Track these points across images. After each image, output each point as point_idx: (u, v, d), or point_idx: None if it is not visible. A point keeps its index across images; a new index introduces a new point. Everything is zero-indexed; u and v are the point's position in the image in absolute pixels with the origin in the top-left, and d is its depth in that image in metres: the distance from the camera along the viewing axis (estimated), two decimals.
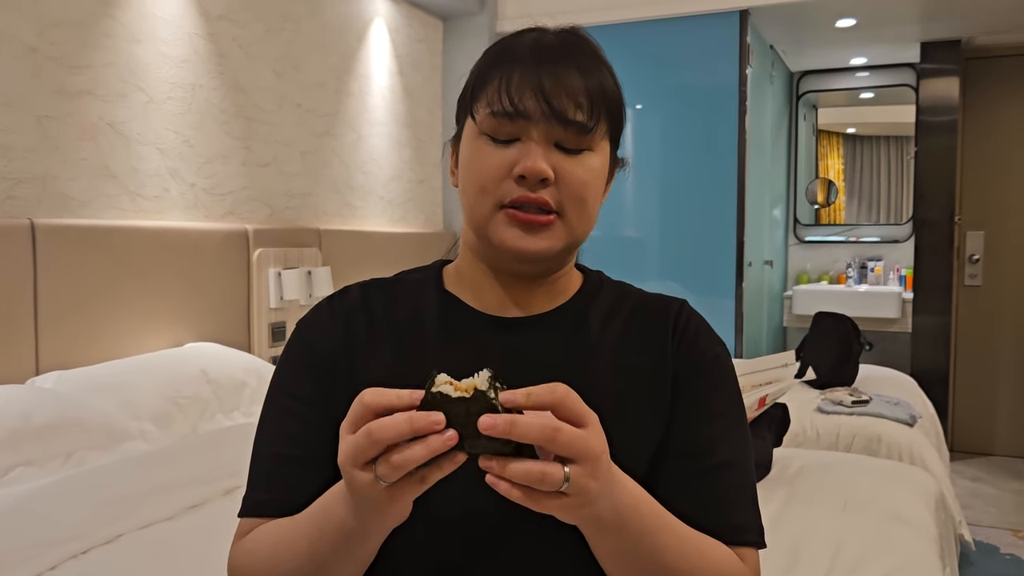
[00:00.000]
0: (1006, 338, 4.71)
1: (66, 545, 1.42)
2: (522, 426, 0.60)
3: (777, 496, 1.97)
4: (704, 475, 0.82)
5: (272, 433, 0.85)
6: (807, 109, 5.35)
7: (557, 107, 0.78)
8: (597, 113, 0.80)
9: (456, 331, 0.87)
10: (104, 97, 2.49)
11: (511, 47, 0.83)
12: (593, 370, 0.85)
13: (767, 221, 4.66)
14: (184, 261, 2.68)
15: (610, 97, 0.82)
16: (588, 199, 0.82)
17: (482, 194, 0.81)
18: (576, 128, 0.79)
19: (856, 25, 4.14)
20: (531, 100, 0.78)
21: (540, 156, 0.78)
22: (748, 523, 0.83)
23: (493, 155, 0.80)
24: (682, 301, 0.92)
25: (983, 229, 4.72)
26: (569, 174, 0.80)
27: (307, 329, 0.88)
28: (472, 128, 0.83)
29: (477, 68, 0.85)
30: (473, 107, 0.83)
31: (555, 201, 0.80)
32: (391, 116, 3.90)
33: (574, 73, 0.80)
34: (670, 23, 4.04)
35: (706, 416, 0.85)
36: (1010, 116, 4.65)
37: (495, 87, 0.80)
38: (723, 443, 0.84)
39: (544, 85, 0.78)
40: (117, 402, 2.10)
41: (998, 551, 3.26)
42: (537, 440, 0.61)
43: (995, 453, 4.70)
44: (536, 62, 0.79)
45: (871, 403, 2.88)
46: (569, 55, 0.81)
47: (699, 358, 0.87)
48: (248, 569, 0.80)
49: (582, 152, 0.81)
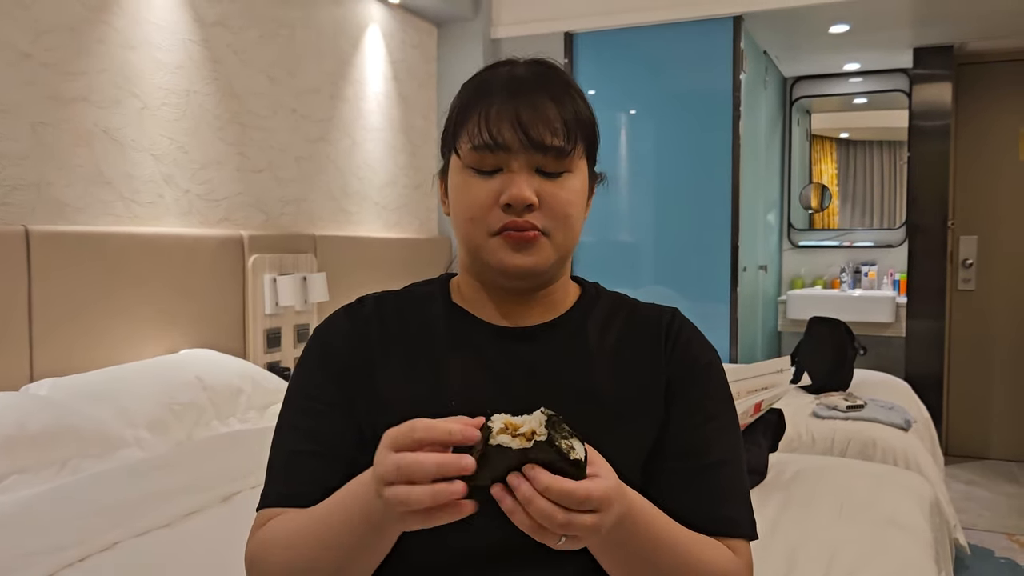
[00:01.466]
0: (999, 342, 4.72)
1: (62, 553, 1.41)
2: (535, 507, 0.64)
3: (773, 501, 1.97)
4: (698, 473, 0.87)
5: (290, 431, 0.89)
6: (800, 114, 5.37)
7: (535, 136, 0.83)
8: (573, 137, 0.85)
9: (462, 340, 0.91)
10: (98, 103, 2.49)
11: (486, 82, 0.88)
12: (590, 378, 0.90)
13: (761, 226, 4.67)
14: (179, 267, 2.67)
15: (583, 121, 0.88)
16: (572, 216, 0.87)
17: (473, 224, 0.86)
18: (555, 153, 0.84)
19: (849, 31, 4.16)
20: (509, 132, 0.83)
21: (524, 184, 0.83)
22: (740, 516, 0.87)
23: (479, 187, 0.85)
24: (673, 310, 0.97)
25: (976, 234, 4.74)
26: (552, 197, 0.85)
27: (325, 335, 0.93)
28: (457, 162, 0.88)
29: (456, 104, 0.89)
30: (456, 143, 0.88)
31: (541, 224, 0.85)
32: (386, 122, 3.91)
33: (548, 102, 0.85)
34: (664, 29, 4.05)
35: (700, 419, 0.90)
36: (1002, 121, 4.67)
37: (475, 122, 0.85)
38: (716, 444, 0.89)
39: (521, 116, 0.83)
40: (112, 409, 2.09)
41: (993, 555, 3.27)
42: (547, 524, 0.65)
43: (989, 457, 4.72)
44: (511, 95, 0.84)
45: (866, 408, 2.89)
46: (541, 86, 0.86)
47: (692, 364, 0.92)
48: (267, 557, 0.82)
49: (562, 175, 0.86)
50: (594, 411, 0.86)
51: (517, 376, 0.88)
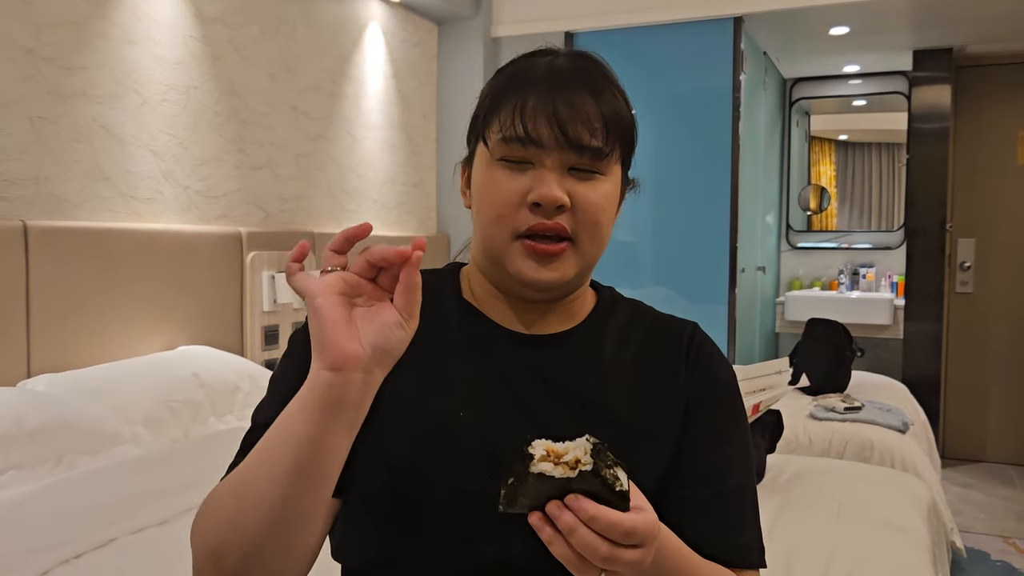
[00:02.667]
0: (997, 345, 4.73)
1: (58, 550, 1.41)
2: (578, 537, 0.62)
3: (770, 503, 1.97)
4: (715, 501, 0.84)
5: (269, 407, 0.82)
6: (800, 116, 5.37)
7: (572, 134, 0.78)
8: (612, 139, 0.81)
9: (477, 343, 0.86)
10: (98, 99, 2.48)
11: (525, 71, 0.82)
12: (605, 392, 0.85)
13: (760, 227, 4.67)
14: (177, 264, 2.67)
15: (624, 122, 0.82)
16: (602, 223, 0.83)
17: (498, 223, 0.81)
18: (591, 154, 0.80)
19: (849, 33, 4.16)
20: (545, 128, 0.78)
21: (555, 183, 0.79)
22: (752, 544, 0.85)
23: (507, 182, 0.80)
24: (694, 324, 0.93)
25: (974, 236, 4.75)
26: (584, 199, 0.80)
27: None
28: (484, 153, 0.82)
29: (489, 91, 0.84)
30: (485, 131, 0.82)
31: (570, 227, 0.80)
32: (385, 120, 3.90)
33: (588, 99, 0.79)
34: (664, 29, 4.05)
35: (719, 442, 0.86)
36: (1001, 124, 4.68)
37: (508, 113, 0.79)
38: (734, 468, 0.86)
39: (559, 112, 0.78)
40: (109, 405, 2.09)
41: (989, 557, 3.27)
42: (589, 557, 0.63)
43: (986, 460, 4.72)
44: (550, 88, 0.79)
45: (863, 410, 2.89)
46: (582, 80, 0.81)
47: (712, 382, 0.88)
48: (205, 512, 0.74)
49: (595, 177, 0.81)
50: (608, 427, 0.81)
51: (529, 385, 0.83)
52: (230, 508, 0.71)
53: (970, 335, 4.77)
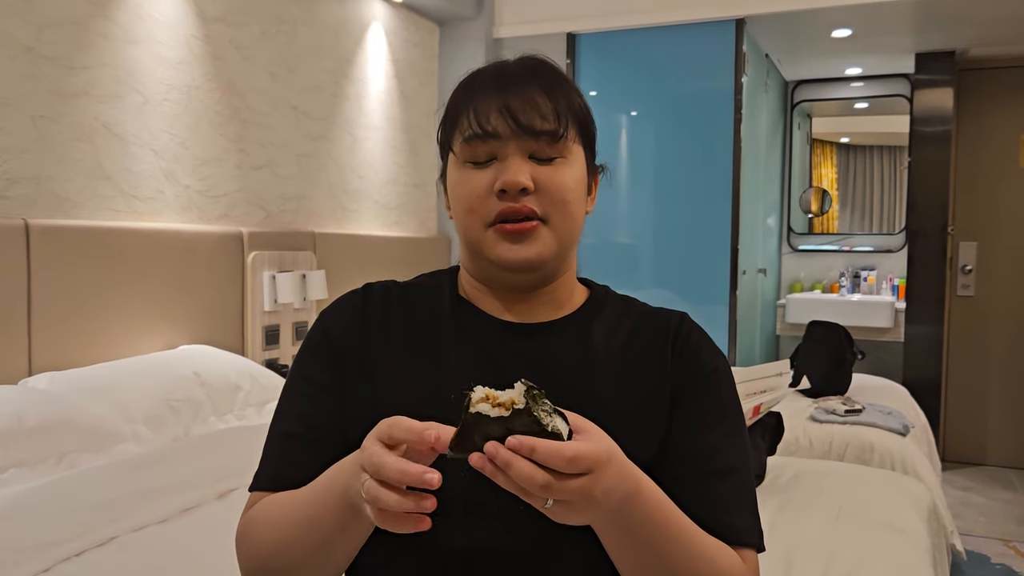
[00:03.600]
0: (998, 348, 4.73)
1: (59, 547, 1.41)
2: (515, 470, 0.63)
3: (770, 504, 1.97)
4: (705, 480, 0.85)
5: (286, 413, 0.89)
6: (801, 118, 5.37)
7: (524, 122, 0.83)
8: (564, 121, 0.85)
9: (467, 333, 0.90)
10: (100, 98, 2.49)
11: (475, 78, 0.89)
12: (593, 380, 0.88)
13: (761, 229, 4.67)
14: (178, 263, 2.67)
15: (575, 108, 0.87)
16: (570, 202, 0.86)
17: (470, 215, 0.86)
18: (547, 137, 0.84)
19: (851, 35, 4.16)
20: (499, 120, 0.83)
21: (516, 169, 0.83)
22: (748, 525, 0.85)
23: (475, 178, 0.85)
24: (682, 314, 0.95)
25: (976, 240, 4.74)
26: (549, 181, 0.84)
27: (329, 319, 0.92)
28: (453, 160, 0.88)
29: (448, 105, 0.89)
30: (450, 141, 0.88)
31: (539, 208, 0.84)
32: (387, 120, 3.90)
33: (537, 91, 0.84)
34: (666, 31, 4.05)
35: (707, 425, 0.87)
36: (1003, 127, 4.68)
37: (465, 116, 0.85)
38: (723, 450, 0.87)
39: (510, 104, 0.83)
40: (110, 404, 2.09)
41: (989, 560, 3.27)
42: (528, 488, 0.64)
43: (986, 463, 4.72)
44: (500, 87, 0.85)
45: (864, 412, 2.89)
46: (532, 77, 0.86)
47: (699, 370, 0.90)
48: (252, 535, 0.83)
49: (556, 160, 0.85)
50: (595, 414, 0.80)
51: (518, 372, 0.82)
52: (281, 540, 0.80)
53: (971, 338, 4.77)
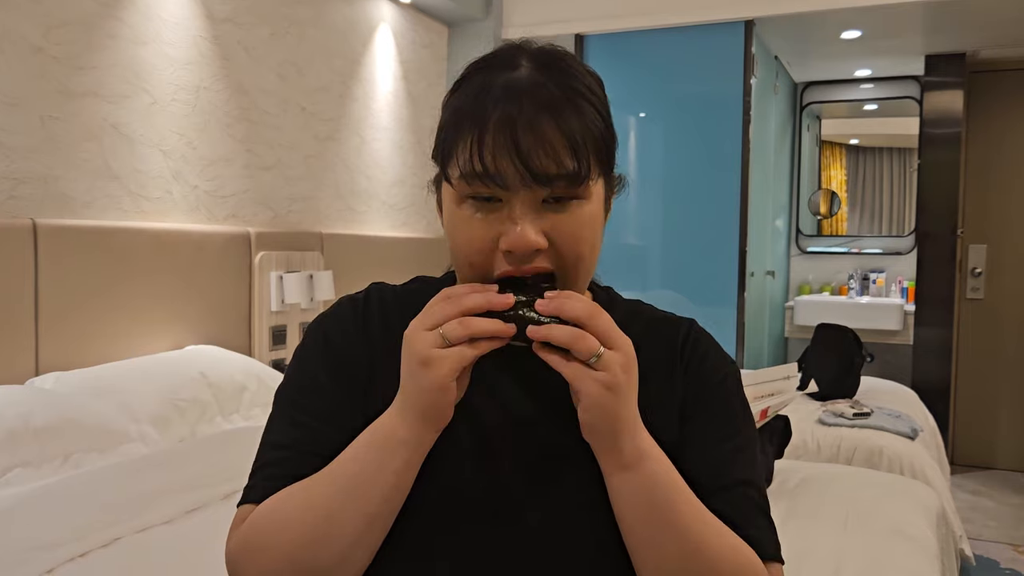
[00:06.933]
0: (1007, 352, 4.70)
1: (64, 548, 1.41)
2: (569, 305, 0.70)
3: (778, 509, 1.96)
4: (718, 494, 0.81)
5: (282, 418, 0.84)
6: (811, 120, 5.36)
7: (537, 168, 0.71)
8: (584, 159, 0.73)
9: None
10: (108, 98, 2.49)
11: (483, 92, 0.74)
12: None
13: (769, 231, 4.66)
14: (186, 263, 2.67)
15: (594, 134, 0.75)
16: (586, 252, 0.77)
17: (471, 269, 0.77)
18: (564, 182, 0.73)
19: (861, 37, 4.15)
20: (508, 165, 0.71)
21: (528, 227, 0.72)
22: (766, 538, 0.81)
23: (477, 227, 0.75)
24: (691, 321, 0.90)
25: (986, 242, 4.72)
26: (563, 234, 0.74)
27: (328, 323, 0.88)
28: (447, 188, 0.78)
29: (446, 118, 0.78)
30: (446, 165, 0.76)
31: (553, 264, 0.75)
32: (395, 121, 3.90)
33: (549, 121, 0.72)
34: (674, 32, 4.04)
35: (719, 437, 0.84)
36: (1014, 130, 4.65)
37: (466, 147, 0.73)
38: (736, 463, 0.83)
39: (519, 144, 0.71)
40: (116, 404, 2.09)
41: (998, 566, 3.25)
42: (582, 315, 0.70)
43: (995, 467, 4.69)
44: (506, 119, 0.71)
45: (872, 416, 2.87)
46: (542, 99, 0.73)
47: (708, 379, 0.86)
48: (265, 539, 0.76)
49: (573, 203, 0.75)
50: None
51: (520, 383, 0.82)
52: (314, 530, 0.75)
53: (981, 341, 4.74)
